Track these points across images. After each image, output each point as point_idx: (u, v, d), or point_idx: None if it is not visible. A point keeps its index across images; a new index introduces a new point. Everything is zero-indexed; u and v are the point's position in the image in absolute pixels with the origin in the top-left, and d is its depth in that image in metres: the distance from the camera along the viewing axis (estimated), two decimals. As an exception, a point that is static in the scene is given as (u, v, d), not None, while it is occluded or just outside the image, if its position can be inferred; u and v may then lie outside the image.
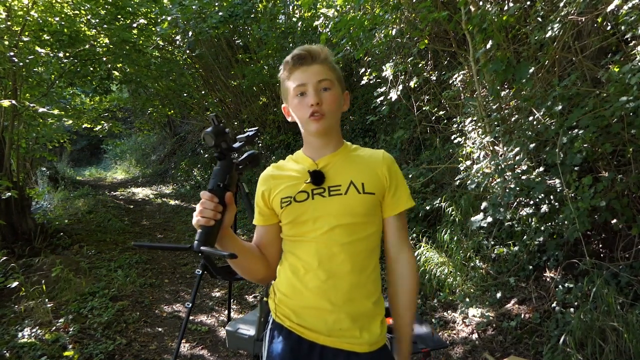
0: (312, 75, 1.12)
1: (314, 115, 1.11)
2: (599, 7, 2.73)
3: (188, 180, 10.48)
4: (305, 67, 1.13)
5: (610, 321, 2.25)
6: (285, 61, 1.16)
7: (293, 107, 1.17)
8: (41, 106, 4.83)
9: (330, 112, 1.14)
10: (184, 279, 4.47)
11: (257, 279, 1.22)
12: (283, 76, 1.18)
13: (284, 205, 1.15)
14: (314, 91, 1.11)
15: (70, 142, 7.74)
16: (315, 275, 1.12)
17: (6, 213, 4.66)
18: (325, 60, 1.14)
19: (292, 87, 1.14)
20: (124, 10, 6.11)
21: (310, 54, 1.13)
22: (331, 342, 1.11)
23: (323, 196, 1.14)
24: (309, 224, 1.13)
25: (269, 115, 8.28)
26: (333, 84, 1.14)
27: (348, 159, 1.20)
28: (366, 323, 1.13)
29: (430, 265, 3.51)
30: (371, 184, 1.16)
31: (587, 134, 2.47)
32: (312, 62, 1.13)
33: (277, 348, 1.14)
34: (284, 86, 1.19)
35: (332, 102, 1.14)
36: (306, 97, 1.12)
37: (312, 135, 1.18)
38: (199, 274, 2.61)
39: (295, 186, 1.16)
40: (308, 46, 1.14)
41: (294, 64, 1.14)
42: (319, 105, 1.11)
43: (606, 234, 2.83)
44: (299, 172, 1.19)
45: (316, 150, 1.21)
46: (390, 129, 5.53)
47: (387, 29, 4.06)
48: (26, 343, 2.83)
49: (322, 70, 1.13)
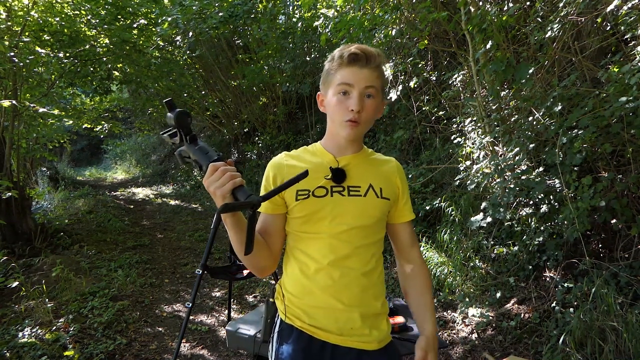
0: (362, 79, 1.07)
1: (351, 121, 1.08)
2: (599, 7, 2.74)
3: (188, 180, 10.48)
4: (357, 68, 1.08)
5: (610, 321, 2.26)
6: (339, 54, 1.10)
7: (331, 103, 1.12)
8: (41, 106, 4.83)
9: (367, 121, 1.11)
10: (184, 278, 4.47)
11: (259, 268, 1.13)
12: (331, 66, 1.12)
13: (300, 199, 1.11)
14: (359, 96, 1.07)
15: (71, 142, 7.77)
16: (327, 274, 1.11)
17: (6, 213, 4.67)
18: (378, 67, 1.10)
19: (338, 81, 1.09)
20: (124, 11, 6.12)
21: (367, 55, 1.08)
22: (342, 341, 1.12)
23: (342, 195, 1.12)
24: (325, 222, 1.11)
25: (269, 115, 8.29)
26: (378, 92, 1.11)
27: (367, 162, 1.20)
28: (375, 322, 1.15)
29: (430, 265, 3.52)
30: (387, 190, 1.17)
31: (586, 134, 2.48)
32: (366, 64, 1.08)
33: (287, 349, 1.14)
34: (328, 76, 1.13)
35: (372, 110, 1.11)
36: (349, 99, 1.08)
37: (342, 137, 1.15)
38: (199, 274, 2.62)
39: (313, 180, 1.11)
40: (366, 47, 1.09)
41: (348, 61, 1.08)
42: (359, 113, 1.08)
43: (606, 234, 2.83)
44: (317, 165, 1.15)
45: (339, 148, 1.18)
46: (390, 129, 5.54)
47: (387, 29, 4.06)
48: (26, 343, 2.84)
49: (372, 76, 1.09)
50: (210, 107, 9.69)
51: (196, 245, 5.66)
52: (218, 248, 5.30)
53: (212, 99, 9.48)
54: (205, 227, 6.47)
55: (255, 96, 8.66)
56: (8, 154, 4.69)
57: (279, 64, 7.17)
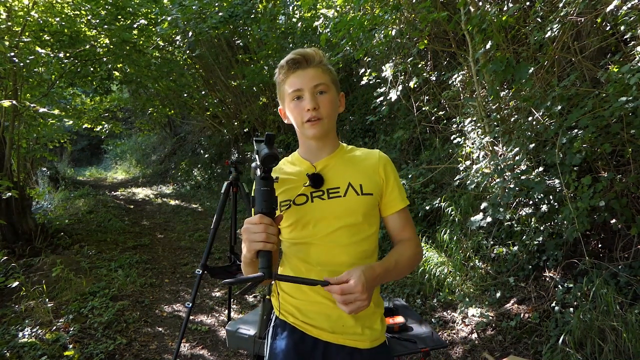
0: (308, 79, 1.12)
1: (310, 120, 1.12)
2: (599, 7, 2.74)
3: (188, 180, 10.49)
4: (301, 71, 1.13)
5: (610, 321, 2.26)
6: (280, 65, 1.16)
7: (290, 111, 1.17)
8: (42, 106, 4.83)
9: (327, 115, 1.14)
10: (184, 278, 4.48)
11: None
12: (279, 79, 1.18)
13: (283, 209, 1.15)
14: (310, 96, 1.11)
15: (71, 142, 7.77)
16: (317, 274, 1.13)
17: (7, 213, 4.67)
18: (320, 64, 1.14)
19: (289, 91, 1.14)
20: (124, 11, 6.13)
21: (305, 58, 1.13)
22: (334, 338, 1.13)
23: (322, 199, 1.14)
24: (309, 227, 1.13)
25: (269, 116, 8.30)
26: (329, 87, 1.15)
27: (345, 160, 1.21)
28: (367, 321, 1.16)
29: (430, 265, 3.52)
30: (369, 185, 1.17)
31: (586, 134, 2.48)
32: (308, 65, 1.13)
33: (280, 344, 1.16)
34: (280, 89, 1.19)
35: (328, 105, 1.14)
36: (302, 101, 1.13)
37: (309, 138, 1.18)
38: (199, 274, 2.62)
39: (294, 189, 1.16)
40: (303, 50, 1.14)
41: (289, 68, 1.13)
42: (316, 110, 1.11)
43: (605, 233, 2.83)
44: (296, 175, 1.19)
45: (313, 152, 1.21)
46: (390, 129, 5.54)
47: (387, 30, 4.06)
48: (27, 343, 2.84)
49: (318, 74, 1.13)
50: (210, 107, 9.70)
51: (196, 245, 5.67)
52: (218, 248, 5.30)
53: (212, 99, 9.48)
54: (205, 227, 6.47)
55: (255, 96, 8.66)
56: (8, 154, 4.70)
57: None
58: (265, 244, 0.93)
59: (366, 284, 0.95)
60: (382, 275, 1.04)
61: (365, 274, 0.96)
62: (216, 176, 9.87)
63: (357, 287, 0.93)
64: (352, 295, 0.94)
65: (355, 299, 0.94)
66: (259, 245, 0.93)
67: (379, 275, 1.02)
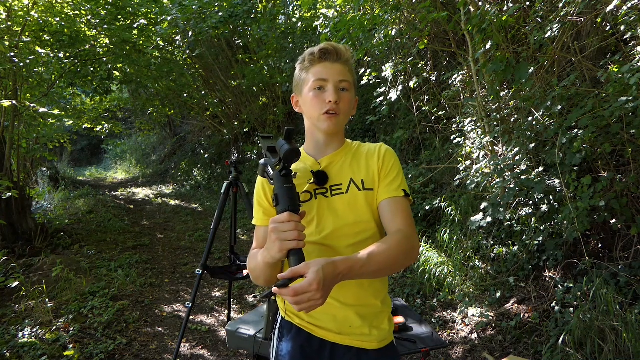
0: (335, 73, 1.10)
1: (329, 113, 1.10)
2: (598, 7, 2.74)
3: (188, 180, 10.49)
4: (329, 63, 1.11)
5: (610, 321, 2.26)
6: (309, 52, 1.13)
7: (307, 100, 1.13)
8: (42, 106, 4.83)
9: (344, 113, 1.12)
10: (184, 278, 4.48)
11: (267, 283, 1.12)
12: (302, 66, 1.15)
13: None
14: (334, 88, 1.09)
15: (71, 142, 7.76)
16: None
17: (7, 213, 4.67)
18: (348, 62, 1.13)
19: (312, 79, 1.11)
20: (124, 11, 6.13)
21: (337, 51, 1.11)
22: (341, 339, 1.12)
23: (326, 196, 1.12)
24: (313, 225, 1.11)
25: (269, 116, 8.30)
26: (351, 86, 1.13)
27: (349, 157, 1.19)
28: (375, 321, 1.14)
29: (430, 265, 3.52)
30: (369, 179, 1.15)
31: (586, 134, 2.48)
32: (337, 59, 1.11)
33: (287, 346, 1.14)
34: (300, 76, 1.16)
35: (348, 104, 1.12)
36: (324, 93, 1.10)
37: (321, 132, 1.15)
38: (199, 274, 2.62)
39: (299, 186, 1.11)
40: (335, 44, 1.13)
41: (319, 57, 1.11)
42: (337, 104, 1.09)
43: (605, 233, 2.83)
44: (300, 171, 1.15)
45: (320, 148, 1.19)
46: (390, 129, 5.54)
47: (387, 30, 4.06)
48: (26, 343, 2.84)
49: (345, 70, 1.12)
50: (210, 107, 9.70)
51: (196, 245, 5.67)
52: (218, 248, 5.30)
53: (212, 99, 9.48)
54: (205, 227, 6.47)
55: (255, 96, 8.66)
56: (8, 154, 4.70)
57: (278, 64, 7.18)
58: (298, 242, 0.90)
59: (323, 281, 0.85)
60: (346, 273, 0.92)
61: (324, 269, 0.86)
62: (216, 176, 9.87)
63: (311, 285, 0.83)
64: (306, 295, 0.84)
65: (308, 299, 0.85)
66: (292, 244, 0.90)
67: (341, 273, 0.91)
